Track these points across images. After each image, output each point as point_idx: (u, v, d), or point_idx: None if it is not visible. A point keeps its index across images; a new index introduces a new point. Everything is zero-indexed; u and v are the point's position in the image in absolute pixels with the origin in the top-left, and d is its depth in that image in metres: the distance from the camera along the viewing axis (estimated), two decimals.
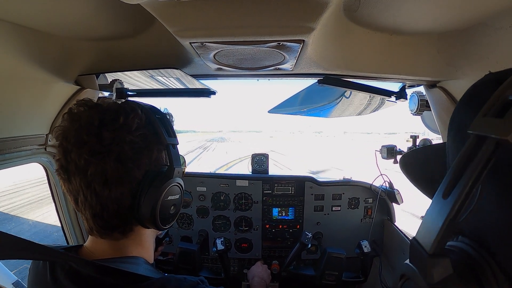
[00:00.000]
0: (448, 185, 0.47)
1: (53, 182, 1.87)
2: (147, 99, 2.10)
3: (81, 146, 0.78)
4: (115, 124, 0.81)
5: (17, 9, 0.99)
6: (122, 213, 0.85)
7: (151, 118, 0.90)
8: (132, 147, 0.82)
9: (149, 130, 0.88)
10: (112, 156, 0.79)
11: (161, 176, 0.89)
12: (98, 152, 0.78)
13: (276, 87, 71.22)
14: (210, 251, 2.72)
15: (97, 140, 0.79)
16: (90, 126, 0.80)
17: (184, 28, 1.09)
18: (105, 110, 0.84)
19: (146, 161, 0.87)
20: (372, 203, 2.70)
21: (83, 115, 0.82)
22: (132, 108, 0.88)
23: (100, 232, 0.86)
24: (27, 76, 1.29)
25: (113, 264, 0.81)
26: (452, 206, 0.44)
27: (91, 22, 1.19)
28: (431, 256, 0.46)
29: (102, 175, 0.79)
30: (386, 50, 1.43)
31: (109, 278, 0.79)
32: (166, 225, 0.94)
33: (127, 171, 0.82)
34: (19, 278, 1.83)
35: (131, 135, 0.82)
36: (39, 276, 0.89)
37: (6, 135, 1.33)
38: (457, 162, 0.47)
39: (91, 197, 0.80)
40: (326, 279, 2.33)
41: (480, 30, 1.17)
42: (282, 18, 1.03)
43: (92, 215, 0.83)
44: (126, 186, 0.83)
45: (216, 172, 2.81)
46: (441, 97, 1.60)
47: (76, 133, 0.80)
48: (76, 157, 0.78)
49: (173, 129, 0.98)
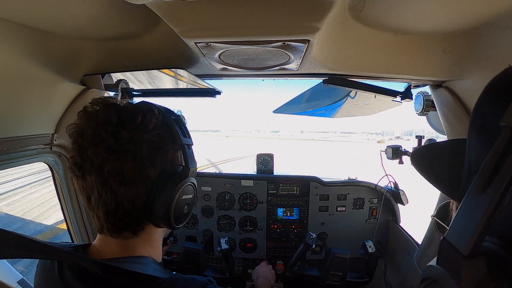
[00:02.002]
0: (484, 180, 0.44)
1: (58, 181, 1.88)
2: (152, 99, 2.12)
3: (98, 143, 0.79)
4: (133, 123, 0.82)
5: (23, 10, 0.99)
6: (136, 211, 0.85)
7: (167, 119, 0.91)
8: (149, 146, 0.83)
9: (165, 130, 0.89)
10: (129, 155, 0.80)
11: (176, 175, 0.90)
12: (115, 150, 0.79)
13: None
14: (214, 250, 2.73)
15: (115, 138, 0.79)
16: (108, 124, 0.80)
17: (189, 28, 1.09)
18: (122, 109, 0.84)
19: (162, 160, 0.88)
20: (377, 203, 2.69)
21: (100, 113, 0.82)
22: (149, 108, 0.88)
23: (110, 231, 0.86)
24: (33, 76, 1.30)
25: (122, 264, 0.81)
26: (490, 202, 0.42)
27: (97, 23, 1.20)
28: (467, 258, 0.43)
29: (119, 173, 0.79)
30: (391, 50, 1.42)
31: (117, 278, 0.80)
32: (179, 224, 0.94)
33: (143, 169, 0.83)
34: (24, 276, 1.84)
35: (148, 135, 0.83)
36: (47, 273, 0.89)
37: (12, 135, 1.34)
38: (492, 155, 0.45)
39: (106, 195, 0.81)
40: (330, 279, 2.32)
41: (486, 30, 1.16)
42: (287, 18, 1.03)
43: (105, 213, 0.83)
44: (141, 185, 0.83)
45: (221, 172, 2.81)
46: (446, 97, 1.59)
47: (93, 131, 0.80)
48: (92, 155, 0.79)
49: (188, 130, 0.99)
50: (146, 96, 2.06)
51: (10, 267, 1.86)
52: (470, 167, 0.61)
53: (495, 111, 0.51)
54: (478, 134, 0.59)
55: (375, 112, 2.97)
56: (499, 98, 0.55)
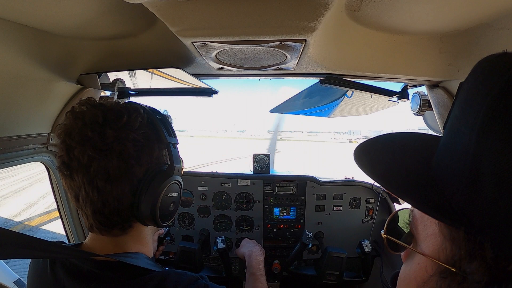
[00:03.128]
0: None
1: (54, 180, 1.88)
2: (149, 99, 2.11)
3: (84, 143, 0.80)
4: (118, 122, 0.84)
5: (19, 8, 0.99)
6: (123, 209, 0.86)
7: (153, 118, 0.93)
8: (135, 145, 0.85)
9: (150, 130, 0.91)
10: (115, 153, 0.81)
11: (161, 173, 0.92)
12: (101, 149, 0.80)
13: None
14: (211, 250, 2.73)
15: (101, 137, 0.81)
16: (94, 124, 0.82)
17: (185, 27, 1.09)
18: (108, 109, 0.86)
19: (147, 159, 0.89)
20: (373, 203, 2.70)
21: (87, 113, 0.84)
22: (135, 108, 0.90)
23: (100, 229, 0.88)
24: (29, 76, 1.29)
25: (115, 258, 0.83)
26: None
27: (93, 22, 1.19)
28: None
29: (105, 172, 0.81)
30: (388, 50, 1.43)
31: (109, 273, 0.81)
32: (165, 222, 0.95)
33: (129, 168, 0.84)
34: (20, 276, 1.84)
35: (134, 134, 0.84)
36: (39, 272, 0.91)
37: (8, 134, 1.33)
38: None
39: (92, 193, 0.82)
40: (327, 278, 2.32)
41: (482, 31, 1.17)
42: (284, 18, 1.03)
43: (93, 212, 0.85)
44: (127, 183, 0.85)
45: (217, 172, 2.80)
46: (443, 97, 1.60)
47: (80, 131, 0.82)
48: (79, 154, 0.80)
49: (173, 129, 1.01)
50: (143, 95, 2.06)
51: (7, 267, 1.86)
52: (477, 173, 0.48)
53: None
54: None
55: (372, 112, 2.98)
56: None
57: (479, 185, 0.45)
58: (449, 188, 0.52)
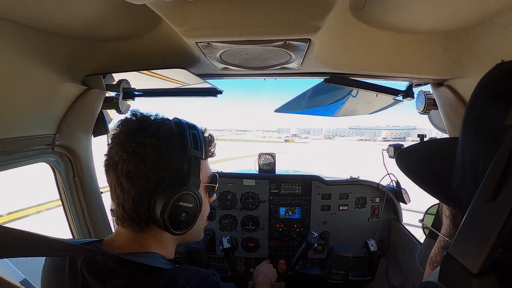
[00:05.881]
0: (492, 187, 0.40)
1: (60, 182, 1.88)
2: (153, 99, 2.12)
3: (118, 145, 0.93)
4: (147, 131, 0.94)
5: (25, 10, 0.99)
6: (140, 208, 0.94)
7: (183, 131, 1.00)
8: (156, 151, 0.92)
9: (176, 141, 0.98)
10: (138, 156, 0.90)
11: (176, 182, 0.96)
12: (128, 151, 0.91)
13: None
14: (216, 250, 2.73)
15: (130, 141, 0.91)
16: (128, 130, 0.94)
17: (190, 28, 1.09)
18: (143, 119, 0.99)
19: (166, 166, 0.95)
20: (379, 202, 2.69)
21: (127, 122, 0.97)
22: (167, 121, 1.01)
23: (122, 221, 0.97)
24: (34, 77, 1.30)
25: (131, 257, 0.88)
26: (502, 211, 0.37)
27: (98, 23, 1.20)
28: (477, 277, 0.39)
29: (127, 171, 0.91)
30: (392, 49, 1.42)
31: (125, 269, 0.87)
32: (176, 230, 0.98)
33: (147, 170, 0.91)
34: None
35: (157, 141, 0.93)
36: (56, 263, 0.98)
37: (14, 135, 1.34)
38: (499, 159, 0.40)
39: (118, 189, 0.94)
40: (332, 278, 2.32)
41: (487, 28, 1.16)
42: (288, 17, 1.03)
43: (117, 204, 0.96)
44: (144, 185, 0.92)
45: (223, 172, 2.81)
46: (448, 96, 1.59)
47: (117, 135, 0.95)
48: (113, 153, 0.93)
49: (203, 145, 1.06)
50: (148, 96, 2.06)
51: (13, 267, 1.87)
52: (464, 168, 0.57)
53: (493, 108, 0.48)
54: (473, 134, 0.55)
55: (377, 111, 2.97)
56: (491, 96, 0.52)
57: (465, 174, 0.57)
58: (455, 182, 0.62)
